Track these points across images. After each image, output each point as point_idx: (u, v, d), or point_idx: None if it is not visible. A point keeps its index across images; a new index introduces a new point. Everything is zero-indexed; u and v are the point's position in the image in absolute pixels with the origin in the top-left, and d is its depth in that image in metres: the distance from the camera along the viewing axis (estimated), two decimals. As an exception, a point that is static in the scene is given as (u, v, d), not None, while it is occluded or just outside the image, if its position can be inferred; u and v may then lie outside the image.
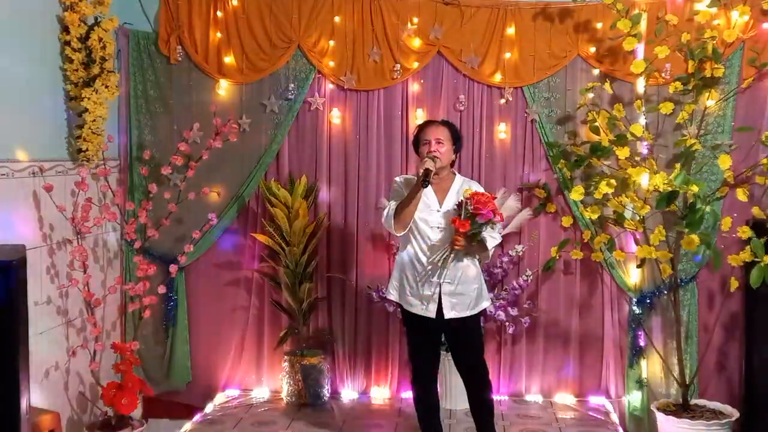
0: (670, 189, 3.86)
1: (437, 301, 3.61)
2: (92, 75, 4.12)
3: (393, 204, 3.64)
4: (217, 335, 4.91)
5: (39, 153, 3.89)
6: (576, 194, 4.30)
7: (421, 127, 3.78)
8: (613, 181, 4.18)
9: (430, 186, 3.52)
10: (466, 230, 3.48)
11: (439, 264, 3.58)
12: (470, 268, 3.68)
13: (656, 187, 4.00)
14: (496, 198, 3.58)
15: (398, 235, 3.67)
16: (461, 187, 3.70)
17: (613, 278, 4.63)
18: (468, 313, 3.65)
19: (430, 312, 3.62)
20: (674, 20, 4.36)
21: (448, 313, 3.61)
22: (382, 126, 4.75)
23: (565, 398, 4.77)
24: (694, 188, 3.80)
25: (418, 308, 3.65)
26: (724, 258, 4.02)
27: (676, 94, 4.38)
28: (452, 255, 3.58)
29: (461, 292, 3.62)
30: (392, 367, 4.86)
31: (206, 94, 4.71)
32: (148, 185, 4.50)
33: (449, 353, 3.95)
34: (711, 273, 4.51)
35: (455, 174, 3.79)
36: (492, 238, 3.69)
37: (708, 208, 3.73)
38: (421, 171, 3.49)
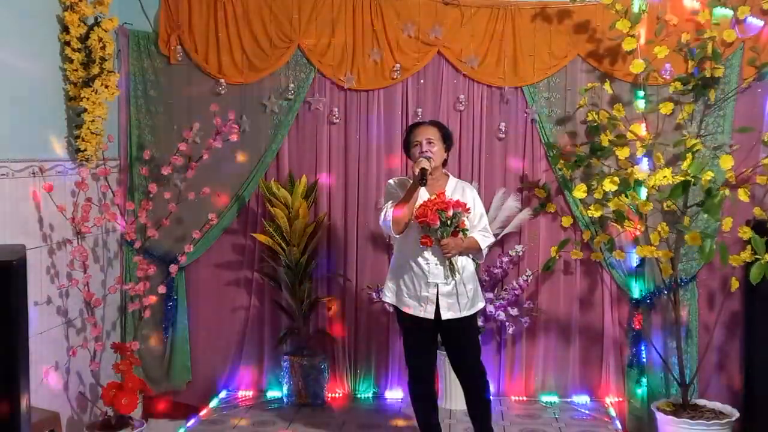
0: (682, 179, 3.85)
1: (435, 301, 3.61)
2: (92, 75, 4.12)
3: (389, 205, 3.63)
4: (217, 335, 4.91)
5: (39, 153, 3.89)
6: (578, 192, 4.30)
7: (411, 129, 3.77)
8: (616, 179, 4.18)
9: (423, 188, 3.53)
10: (431, 242, 3.51)
11: (449, 274, 3.58)
12: (467, 268, 3.68)
13: (665, 178, 3.99)
14: (444, 192, 3.57)
15: (396, 236, 3.66)
16: (455, 188, 3.70)
17: (613, 278, 4.63)
18: (465, 314, 3.64)
19: (429, 313, 3.61)
20: (674, 20, 4.37)
21: (446, 314, 3.60)
22: (382, 126, 4.75)
23: (565, 398, 4.76)
24: (709, 174, 3.80)
25: (416, 310, 3.64)
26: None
27: (676, 94, 4.38)
28: (453, 261, 3.58)
29: (459, 293, 3.62)
30: (392, 367, 4.85)
31: (206, 94, 4.71)
32: (148, 185, 4.50)
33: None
34: (711, 273, 4.51)
35: (448, 175, 3.79)
36: (484, 237, 3.68)
37: (728, 192, 3.72)
38: (417, 171, 3.49)
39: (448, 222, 3.47)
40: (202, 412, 4.64)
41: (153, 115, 4.75)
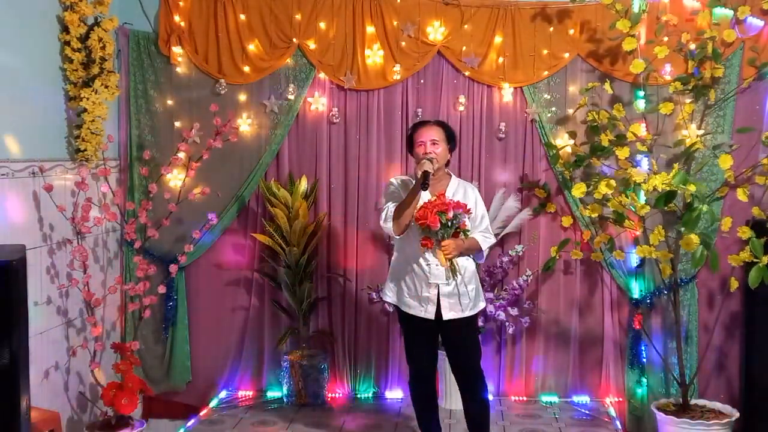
0: (668, 189, 3.85)
1: (436, 302, 3.60)
2: (92, 75, 4.12)
3: (390, 206, 3.62)
4: (217, 335, 4.91)
5: (39, 153, 3.89)
6: (577, 191, 4.30)
7: (415, 128, 3.74)
8: (612, 182, 4.18)
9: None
10: (431, 244, 3.50)
11: (450, 275, 3.57)
12: (467, 268, 3.67)
13: (655, 187, 4.00)
14: (443, 194, 3.56)
15: (396, 237, 3.66)
16: (457, 188, 3.69)
17: (613, 278, 4.63)
18: (468, 314, 3.64)
19: (429, 313, 3.60)
20: (674, 20, 4.37)
21: (447, 314, 3.59)
22: (382, 126, 4.75)
23: (565, 398, 4.77)
24: (692, 188, 3.80)
25: (416, 310, 3.63)
26: (723, 258, 4.02)
27: (676, 94, 4.38)
28: (453, 262, 3.57)
29: (460, 293, 3.61)
30: (392, 367, 4.86)
31: (206, 94, 4.71)
32: (148, 185, 4.50)
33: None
34: (711, 273, 4.51)
35: (450, 175, 3.78)
36: (485, 238, 3.67)
37: (705, 208, 3.73)
38: (420, 173, 3.48)
39: (449, 223, 3.47)
40: (202, 412, 4.65)
41: (153, 115, 4.75)
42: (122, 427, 4.10)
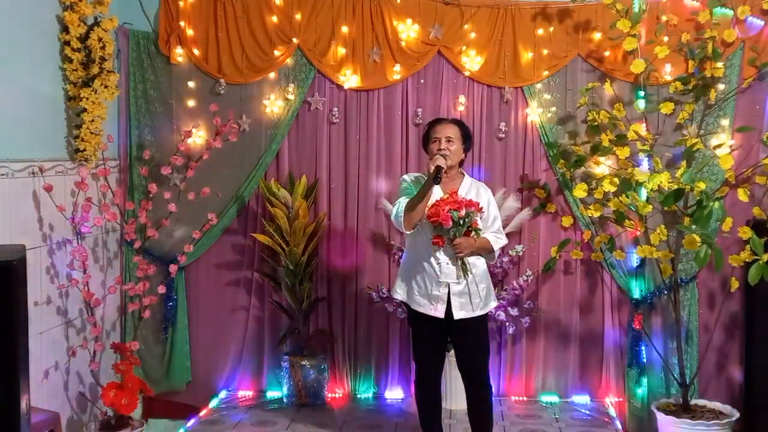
0: (675, 186, 3.85)
1: (446, 301, 3.59)
2: (91, 75, 4.11)
3: (402, 201, 3.61)
4: (217, 335, 4.91)
5: (39, 153, 3.89)
6: (579, 191, 4.29)
7: (432, 125, 3.75)
8: (616, 179, 4.17)
9: (437, 186, 3.51)
10: (443, 242, 3.51)
11: (461, 274, 3.56)
12: (478, 266, 3.66)
13: (660, 185, 3.99)
14: (456, 192, 3.56)
15: (407, 233, 3.65)
16: (469, 188, 3.68)
17: (613, 278, 4.63)
18: (478, 313, 3.62)
19: (439, 312, 3.59)
20: (674, 20, 4.37)
21: (458, 314, 3.58)
22: (382, 126, 4.75)
23: (565, 398, 4.77)
24: (701, 185, 3.80)
25: (426, 308, 3.62)
26: (724, 258, 4.02)
27: (676, 94, 4.38)
28: (465, 261, 3.56)
29: (471, 292, 3.60)
30: (392, 367, 4.85)
31: (206, 94, 4.71)
32: (148, 185, 4.50)
33: (449, 353, 3.94)
34: (711, 273, 4.51)
35: (464, 174, 3.77)
36: (497, 238, 3.67)
37: (717, 204, 3.72)
38: (432, 168, 3.47)
39: (461, 222, 3.46)
40: (202, 412, 4.64)
41: (153, 115, 4.75)
42: (122, 427, 4.10)
